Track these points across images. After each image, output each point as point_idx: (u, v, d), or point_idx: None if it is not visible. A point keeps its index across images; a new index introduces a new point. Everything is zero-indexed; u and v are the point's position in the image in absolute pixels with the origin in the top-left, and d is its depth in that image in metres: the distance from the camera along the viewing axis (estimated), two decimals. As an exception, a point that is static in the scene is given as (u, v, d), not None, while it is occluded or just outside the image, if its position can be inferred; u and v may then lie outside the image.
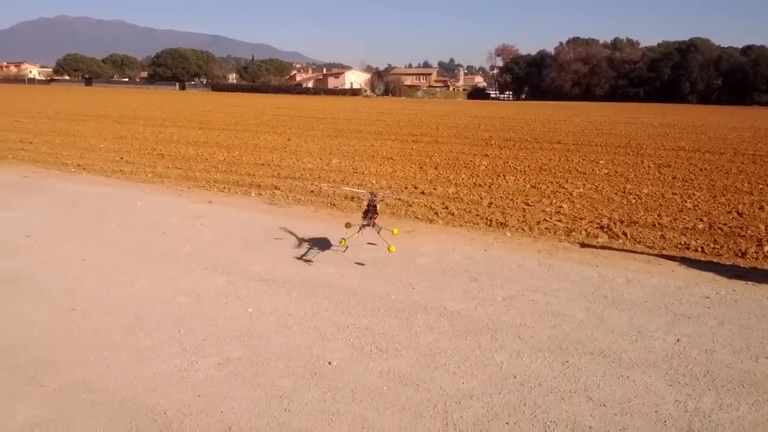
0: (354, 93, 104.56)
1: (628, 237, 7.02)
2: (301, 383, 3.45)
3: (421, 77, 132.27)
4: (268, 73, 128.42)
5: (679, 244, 6.76)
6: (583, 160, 14.49)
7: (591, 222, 7.74)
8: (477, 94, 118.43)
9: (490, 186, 10.52)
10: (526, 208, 8.64)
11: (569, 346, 3.99)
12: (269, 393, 3.35)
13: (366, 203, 6.11)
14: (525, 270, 5.66)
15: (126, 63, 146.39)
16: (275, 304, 4.70)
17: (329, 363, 3.71)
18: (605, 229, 7.36)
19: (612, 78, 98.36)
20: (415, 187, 10.18)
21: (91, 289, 4.95)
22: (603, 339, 4.11)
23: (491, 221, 7.73)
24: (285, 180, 10.88)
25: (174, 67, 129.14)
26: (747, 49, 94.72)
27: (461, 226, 7.57)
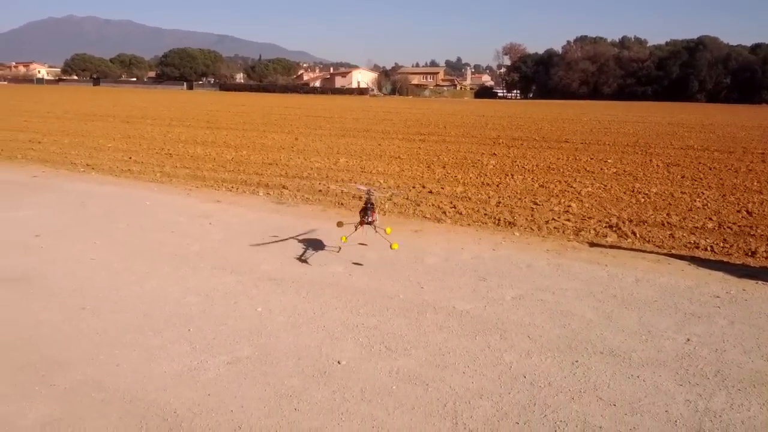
0: (361, 92, 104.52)
1: (637, 236, 6.99)
2: (311, 382, 3.46)
3: (429, 76, 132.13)
4: (275, 73, 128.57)
5: (689, 243, 6.73)
6: (592, 159, 14.44)
7: (600, 221, 7.72)
8: (484, 93, 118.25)
9: (498, 185, 10.50)
10: (534, 207, 8.62)
11: (579, 345, 3.98)
12: (279, 392, 3.35)
13: (363, 201, 5.94)
14: (534, 269, 5.65)
15: (134, 63, 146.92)
16: (284, 303, 4.70)
17: (338, 362, 3.71)
18: (614, 229, 7.33)
19: (620, 77, 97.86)
20: (423, 186, 10.17)
21: (101, 289, 4.98)
22: (613, 338, 4.09)
23: (499, 220, 7.72)
24: (293, 179, 10.90)
25: (182, 67, 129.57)
26: (756, 48, 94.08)
27: (469, 225, 7.56)
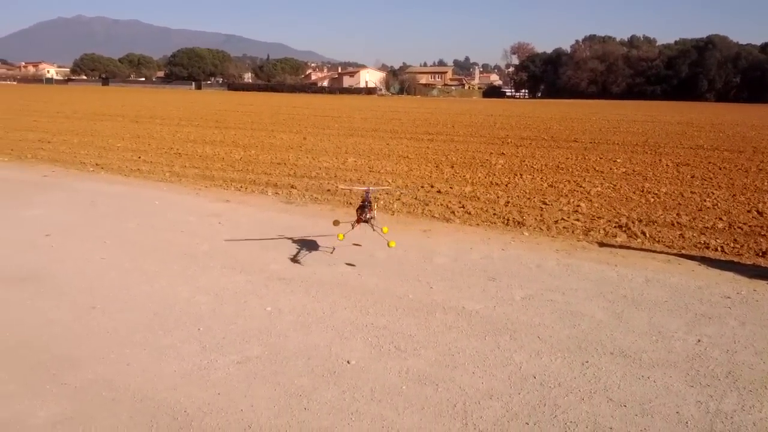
0: (369, 92, 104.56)
1: (647, 236, 6.96)
2: (320, 382, 3.46)
3: (437, 76, 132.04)
4: (283, 72, 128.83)
5: (699, 243, 6.69)
6: (601, 158, 14.38)
7: (609, 221, 7.68)
8: (492, 92, 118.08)
9: (506, 185, 10.47)
10: (543, 207, 8.59)
11: (589, 346, 3.96)
12: (288, 392, 3.35)
13: (361, 199, 5.82)
14: (543, 269, 5.63)
15: (142, 63, 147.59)
16: (293, 302, 4.71)
17: (348, 362, 3.71)
18: (624, 229, 7.29)
19: (629, 76, 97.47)
20: (432, 186, 10.16)
21: (111, 288, 5.00)
22: (623, 339, 4.08)
23: (508, 220, 7.70)
24: (301, 179, 10.91)
25: (190, 67, 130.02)
26: (766, 46, 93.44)
27: (478, 225, 7.55)
